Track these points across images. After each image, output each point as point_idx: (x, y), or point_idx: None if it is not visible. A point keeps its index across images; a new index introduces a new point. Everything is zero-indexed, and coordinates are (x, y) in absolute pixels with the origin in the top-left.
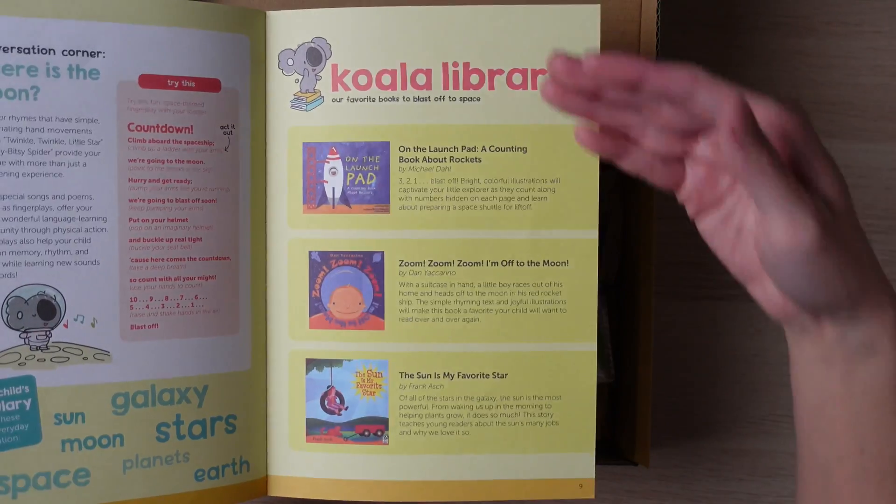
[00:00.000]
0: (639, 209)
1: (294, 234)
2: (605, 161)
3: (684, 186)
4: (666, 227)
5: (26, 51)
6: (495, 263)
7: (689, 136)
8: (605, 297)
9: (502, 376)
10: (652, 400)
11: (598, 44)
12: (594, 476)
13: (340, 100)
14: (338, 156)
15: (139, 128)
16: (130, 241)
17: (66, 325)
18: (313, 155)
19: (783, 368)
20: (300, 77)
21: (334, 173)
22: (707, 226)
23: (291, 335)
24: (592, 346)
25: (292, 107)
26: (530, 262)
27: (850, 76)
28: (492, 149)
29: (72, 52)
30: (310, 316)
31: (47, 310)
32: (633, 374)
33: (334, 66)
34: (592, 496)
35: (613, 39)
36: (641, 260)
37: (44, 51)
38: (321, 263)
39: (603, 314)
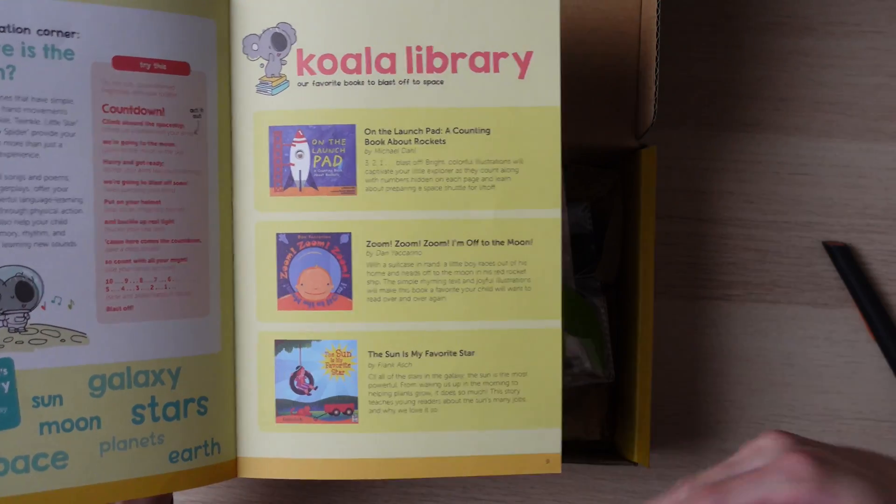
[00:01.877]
0: (639, 209)
1: (261, 216)
2: (606, 162)
3: None
4: (666, 227)
5: (1, 29)
6: (461, 243)
7: None
8: (605, 297)
9: (469, 354)
10: (652, 400)
11: (557, 28)
12: (560, 451)
13: (306, 84)
14: (304, 139)
15: (113, 109)
16: (106, 222)
17: (43, 307)
18: (279, 138)
19: (783, 368)
20: (265, 62)
21: (301, 156)
22: None
23: (260, 317)
24: (557, 324)
25: (258, 91)
26: (495, 242)
27: (850, 76)
28: (456, 131)
29: (47, 32)
30: (278, 297)
31: (25, 291)
32: (633, 374)
33: (299, 51)
34: (559, 471)
35: (613, 39)
36: (641, 260)
37: (19, 30)
38: (289, 245)
39: (603, 314)
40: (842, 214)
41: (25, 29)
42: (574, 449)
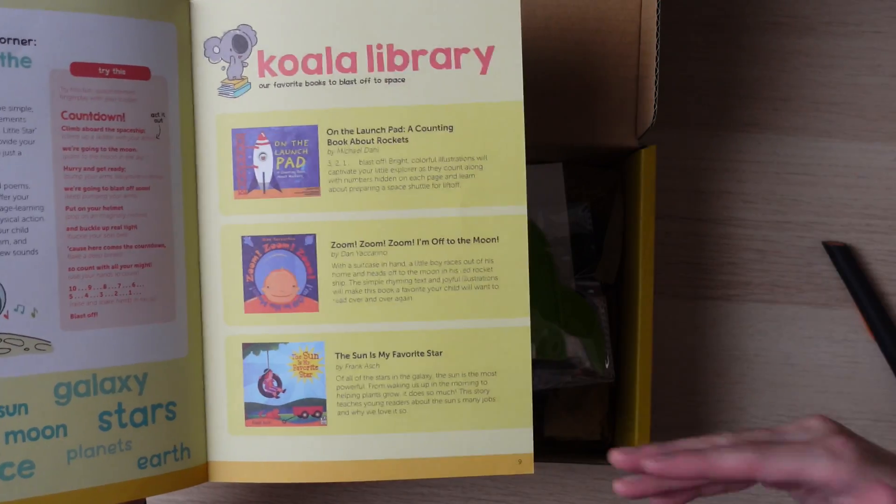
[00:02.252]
0: (639, 209)
1: (226, 220)
2: (606, 162)
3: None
4: (666, 227)
5: None
6: (426, 242)
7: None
8: (605, 297)
9: (437, 354)
10: (652, 400)
11: (518, 21)
12: (532, 451)
13: (268, 85)
14: (267, 141)
15: (72, 115)
16: (68, 229)
17: (6, 316)
18: (242, 141)
19: (783, 368)
20: (227, 64)
21: (264, 158)
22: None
23: (227, 320)
24: (526, 322)
25: (220, 94)
26: (461, 240)
27: (850, 76)
28: (418, 129)
29: (3, 40)
30: (245, 300)
31: None
32: (633, 375)
33: (260, 53)
34: (531, 471)
35: (613, 39)
36: (641, 260)
37: None
38: (254, 248)
39: (603, 314)
40: (842, 214)
41: None
42: (574, 449)
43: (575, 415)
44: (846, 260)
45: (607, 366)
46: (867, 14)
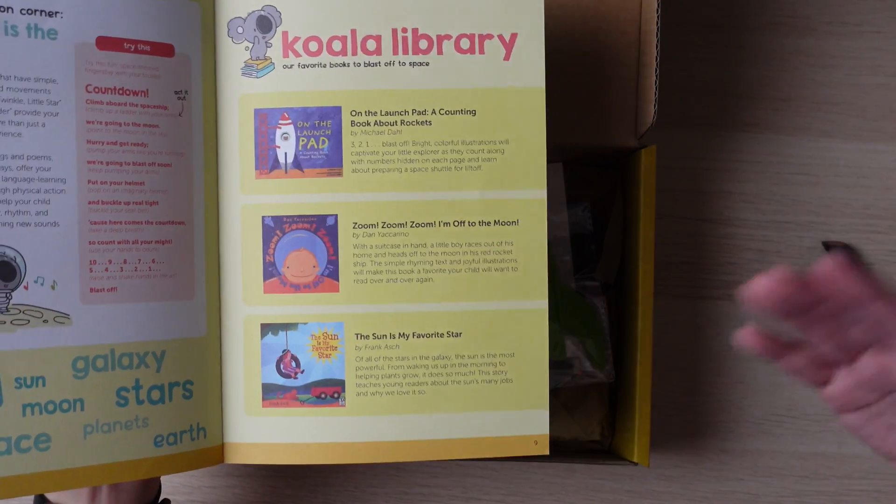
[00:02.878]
0: (639, 209)
1: (247, 199)
2: (606, 162)
3: (831, 388)
4: (666, 227)
5: None
6: (447, 224)
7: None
8: (605, 297)
9: (457, 335)
10: (652, 400)
11: (542, 9)
12: (548, 432)
13: (291, 66)
14: (290, 121)
15: (97, 89)
16: (90, 203)
17: (26, 288)
18: (265, 121)
19: None
20: (250, 44)
21: (286, 138)
22: (852, 421)
23: (246, 300)
24: (543, 304)
25: (243, 74)
26: (481, 222)
27: (850, 76)
28: (441, 112)
29: (30, 12)
30: (264, 280)
31: (7, 271)
32: (633, 374)
33: (284, 34)
34: (547, 452)
35: (613, 40)
36: (641, 260)
37: (2, 9)
38: (274, 228)
39: (603, 314)
40: (842, 214)
41: (9, 8)
42: (574, 449)
43: (575, 415)
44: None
45: (607, 366)
46: (867, 14)
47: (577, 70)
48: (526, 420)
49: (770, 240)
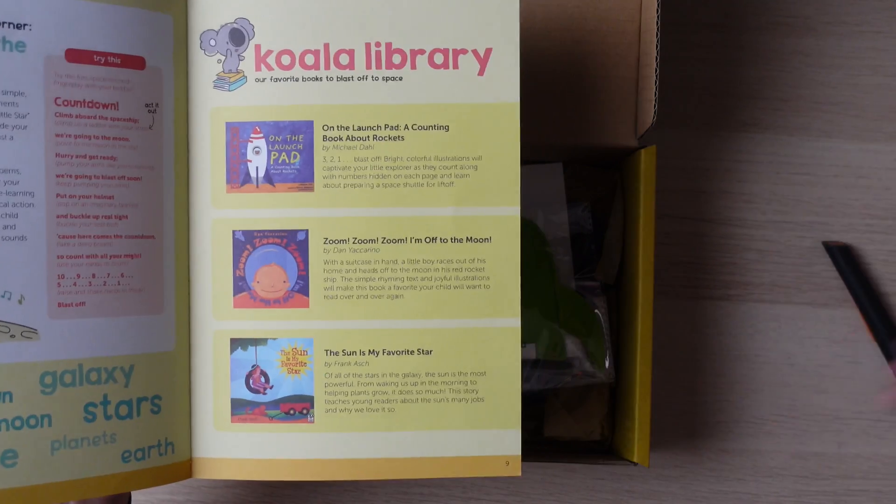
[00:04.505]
0: (639, 209)
1: (218, 213)
2: (606, 162)
3: None
4: (666, 227)
5: None
6: (419, 240)
7: None
8: (605, 297)
9: (427, 353)
10: (652, 400)
11: (517, 24)
12: (520, 453)
13: (264, 80)
14: (261, 135)
15: (66, 102)
16: (58, 216)
17: None
18: (237, 135)
19: (783, 368)
20: (223, 57)
21: (258, 152)
22: None
23: (215, 315)
24: (516, 322)
25: (215, 87)
26: (453, 239)
27: (850, 76)
28: (414, 127)
29: None
30: (234, 295)
31: None
32: (633, 375)
33: (257, 47)
34: (519, 474)
35: (613, 40)
36: (641, 260)
37: None
38: (245, 242)
39: (603, 314)
40: (842, 214)
41: None
42: (574, 449)
43: (575, 415)
44: (846, 260)
45: (607, 366)
46: (867, 14)
47: (577, 70)
48: (497, 440)
49: (770, 240)
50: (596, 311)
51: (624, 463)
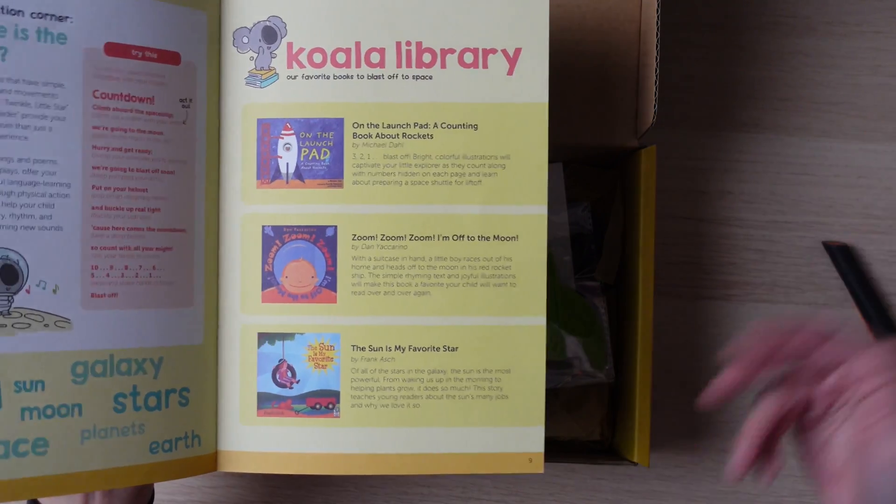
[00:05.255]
0: (639, 209)
1: (247, 209)
2: (606, 162)
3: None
4: (666, 227)
5: None
6: (446, 238)
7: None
8: (605, 297)
9: (453, 349)
10: (652, 400)
11: (546, 25)
12: (543, 450)
13: (295, 77)
14: (292, 132)
15: (104, 95)
16: (93, 208)
17: (28, 291)
18: (267, 131)
19: None
20: (255, 55)
21: (288, 149)
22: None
23: (243, 309)
24: (542, 321)
25: (247, 83)
26: (481, 237)
27: (850, 76)
28: (443, 126)
29: (40, 16)
30: (262, 290)
31: (10, 274)
32: (633, 375)
33: (289, 45)
34: (541, 470)
35: (613, 40)
36: (641, 260)
37: (12, 12)
38: (274, 238)
39: (603, 314)
40: (842, 214)
41: (19, 11)
42: (574, 449)
43: (575, 415)
44: (846, 260)
45: (607, 366)
46: (867, 14)
47: (577, 70)
48: (521, 437)
49: (770, 240)
50: (596, 311)
51: (624, 463)
